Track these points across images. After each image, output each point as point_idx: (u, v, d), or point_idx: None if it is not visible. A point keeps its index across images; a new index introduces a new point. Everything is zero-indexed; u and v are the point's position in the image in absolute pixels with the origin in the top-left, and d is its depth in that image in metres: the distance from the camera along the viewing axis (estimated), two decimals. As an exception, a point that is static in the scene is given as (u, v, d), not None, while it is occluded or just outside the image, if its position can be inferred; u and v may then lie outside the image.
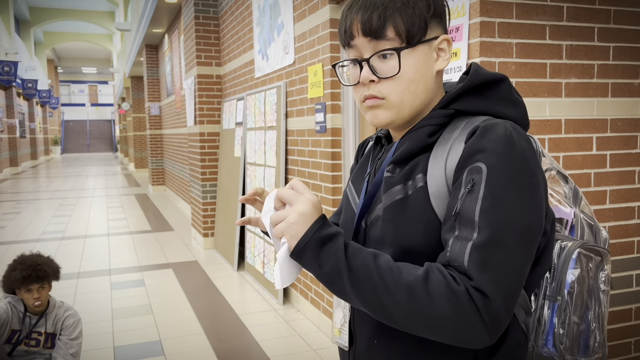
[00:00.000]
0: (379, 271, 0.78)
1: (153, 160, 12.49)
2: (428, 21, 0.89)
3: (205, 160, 6.19)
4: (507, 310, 0.75)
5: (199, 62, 6.06)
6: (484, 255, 0.76)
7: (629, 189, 2.29)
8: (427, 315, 0.75)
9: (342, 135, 3.34)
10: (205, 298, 4.45)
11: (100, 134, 41.06)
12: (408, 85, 0.89)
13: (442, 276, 0.76)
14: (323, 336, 3.54)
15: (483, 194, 0.78)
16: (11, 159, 20.17)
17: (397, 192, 0.89)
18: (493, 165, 0.79)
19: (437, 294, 0.75)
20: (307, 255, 0.82)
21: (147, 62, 11.95)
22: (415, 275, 0.77)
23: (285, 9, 3.96)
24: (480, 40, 2.00)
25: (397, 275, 0.78)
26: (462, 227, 0.79)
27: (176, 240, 6.82)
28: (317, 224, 0.82)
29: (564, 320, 0.89)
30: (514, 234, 0.77)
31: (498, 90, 0.91)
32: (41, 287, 2.42)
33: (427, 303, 0.75)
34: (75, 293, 4.62)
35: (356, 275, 0.79)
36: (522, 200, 0.78)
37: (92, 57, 37.43)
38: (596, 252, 0.94)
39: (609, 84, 2.22)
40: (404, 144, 0.91)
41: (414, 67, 0.88)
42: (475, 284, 0.75)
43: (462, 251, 0.77)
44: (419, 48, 0.89)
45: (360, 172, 1.06)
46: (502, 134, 0.81)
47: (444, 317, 0.75)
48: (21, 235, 7.42)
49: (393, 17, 0.87)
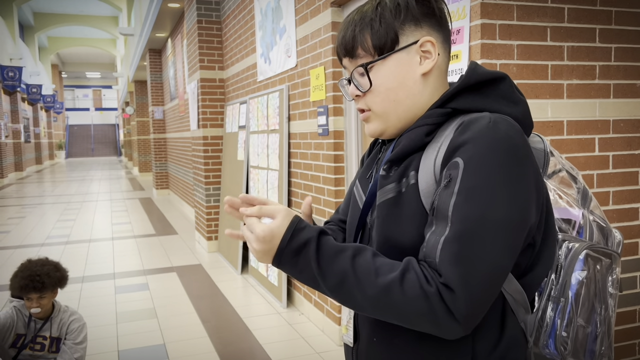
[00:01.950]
0: (355, 274, 0.82)
1: (157, 164, 12.52)
2: (398, 29, 0.90)
3: (209, 164, 6.20)
4: (477, 304, 0.77)
5: (202, 66, 6.08)
6: (453, 249, 0.77)
7: (632, 190, 2.29)
8: (403, 314, 0.80)
9: (344, 138, 3.34)
10: (209, 301, 4.46)
11: (105, 138, 41.20)
12: (386, 95, 0.92)
13: (416, 276, 0.78)
14: (327, 339, 3.54)
15: (458, 188, 0.78)
16: (16, 163, 20.25)
17: (389, 190, 0.90)
18: (470, 158, 0.79)
19: (411, 294, 0.78)
20: (285, 265, 0.87)
21: (150, 67, 11.99)
22: (391, 277, 0.79)
23: (287, 13, 3.97)
24: (481, 43, 2.00)
25: (374, 277, 0.80)
26: (437, 222, 0.80)
27: (180, 244, 6.83)
28: (286, 235, 0.86)
29: (569, 323, 0.88)
30: (489, 227, 0.76)
31: (498, 89, 0.90)
32: (41, 297, 2.40)
33: (402, 303, 0.79)
34: (79, 297, 4.63)
35: (331, 281, 0.83)
36: (501, 192, 0.78)
37: (96, 61, 37.57)
38: (605, 255, 0.92)
39: (611, 85, 2.22)
40: (401, 143, 0.92)
41: (389, 77, 0.92)
42: (443, 280, 0.77)
43: (434, 247, 0.79)
44: (392, 57, 0.91)
45: (367, 171, 1.07)
46: (484, 125, 0.80)
47: (418, 315, 0.78)
48: (26, 239, 7.45)
49: (361, 35, 0.92)
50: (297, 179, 3.96)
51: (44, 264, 2.48)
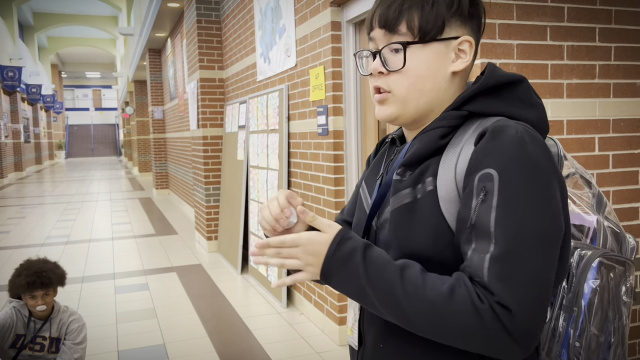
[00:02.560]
0: (403, 287, 0.78)
1: (157, 164, 12.52)
2: (446, 19, 0.87)
3: (209, 164, 6.20)
4: (534, 320, 0.73)
5: (202, 65, 6.08)
6: (501, 267, 0.74)
7: (632, 190, 2.29)
8: (452, 330, 0.75)
9: (344, 138, 3.34)
10: (209, 301, 4.46)
11: (105, 138, 41.21)
12: (415, 81, 0.88)
13: (467, 292, 0.75)
14: (327, 339, 3.54)
15: (496, 203, 0.76)
16: (16, 163, 20.25)
17: (405, 195, 0.87)
18: (504, 171, 0.76)
19: (462, 311, 0.74)
20: (332, 278, 0.83)
21: (150, 66, 11.99)
22: (440, 291, 0.76)
23: (286, 12, 3.97)
24: (481, 42, 1.99)
25: (422, 290, 0.77)
26: (478, 239, 0.77)
27: (180, 244, 6.83)
28: (331, 248, 0.83)
29: (582, 333, 0.86)
30: (531, 241, 0.74)
31: (515, 92, 0.88)
32: (45, 294, 2.42)
33: (452, 320, 0.75)
34: (79, 297, 4.63)
35: (378, 293, 0.80)
36: (537, 205, 0.76)
37: (96, 61, 37.57)
38: (619, 262, 0.90)
39: (611, 84, 2.22)
40: (415, 146, 0.89)
41: (423, 64, 0.88)
42: (497, 299, 0.73)
43: (480, 265, 0.75)
44: (432, 45, 0.88)
45: (374, 172, 1.04)
46: (512, 136, 0.78)
47: (470, 333, 0.74)
48: (26, 239, 7.45)
49: (409, 12, 0.87)
50: (297, 179, 3.96)
51: (46, 261, 2.52)
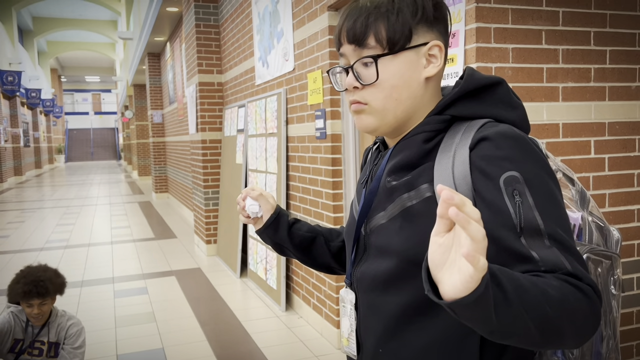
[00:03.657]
0: (545, 294, 0.69)
1: (156, 168, 12.53)
2: (413, 27, 0.88)
3: (208, 168, 6.21)
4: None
5: (200, 69, 6.10)
6: (572, 255, 0.77)
7: (628, 192, 2.29)
8: (581, 320, 0.72)
9: (342, 142, 3.35)
10: (208, 305, 4.46)
11: (104, 142, 41.23)
12: (390, 92, 0.89)
13: (567, 282, 0.73)
14: (325, 342, 3.54)
15: (533, 201, 0.78)
16: (15, 168, 20.25)
17: (403, 200, 0.88)
18: (525, 171, 0.80)
19: (576, 299, 0.71)
20: (487, 295, 0.62)
21: (149, 70, 12.01)
22: (555, 286, 0.71)
23: (284, 17, 3.98)
24: (476, 46, 2.01)
25: (544, 291, 0.69)
26: (531, 238, 0.77)
27: (179, 248, 6.83)
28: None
29: None
30: (568, 223, 0.81)
31: (495, 94, 0.90)
32: (42, 303, 2.41)
33: (578, 310, 0.71)
34: (78, 301, 4.63)
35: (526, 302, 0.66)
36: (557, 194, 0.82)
37: (95, 65, 37.63)
38: (606, 257, 0.92)
39: (606, 87, 2.23)
40: (401, 152, 0.91)
41: (396, 74, 0.89)
42: (587, 281, 0.75)
43: (557, 260, 0.75)
44: (403, 54, 0.88)
45: (361, 179, 1.06)
46: (516, 138, 0.82)
47: (585, 315, 0.72)
48: (25, 244, 7.45)
49: (375, 24, 0.88)
50: (295, 182, 3.97)
51: (45, 269, 2.50)
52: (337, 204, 3.36)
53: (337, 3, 3.18)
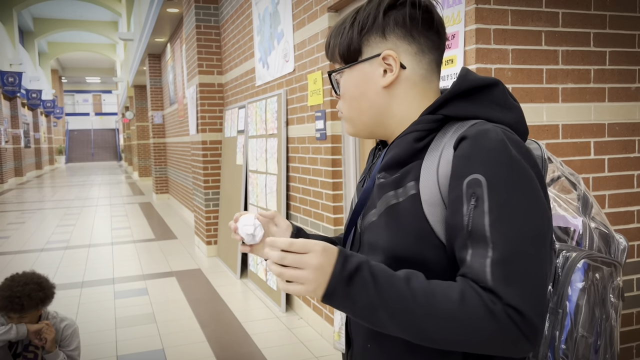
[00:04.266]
0: (414, 298, 0.77)
1: (157, 169, 12.54)
2: (362, 41, 0.93)
3: (208, 169, 6.21)
4: (541, 317, 0.76)
5: (201, 70, 6.10)
6: (504, 270, 0.75)
7: (628, 193, 2.29)
8: (472, 337, 0.76)
9: (342, 143, 3.35)
10: (208, 306, 4.46)
11: (105, 143, 41.25)
12: (350, 102, 0.97)
13: (478, 296, 0.75)
14: (325, 343, 3.54)
15: (488, 207, 0.77)
16: (16, 169, 20.26)
17: (388, 198, 0.90)
18: (491, 176, 0.78)
19: (478, 316, 0.75)
20: (337, 298, 0.79)
21: (150, 71, 12.02)
22: (452, 299, 0.76)
23: (284, 18, 3.99)
24: (476, 47, 2.01)
25: (432, 299, 0.76)
26: (474, 244, 0.78)
27: (179, 249, 6.83)
28: (338, 264, 0.78)
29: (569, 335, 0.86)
30: (527, 240, 0.77)
31: (491, 95, 0.90)
32: (21, 317, 2.28)
33: (469, 327, 0.75)
34: (78, 302, 4.64)
35: (390, 307, 0.77)
36: (526, 204, 0.78)
37: (96, 66, 37.66)
38: (605, 264, 0.91)
39: (606, 88, 2.23)
40: (392, 150, 0.92)
41: (352, 86, 0.96)
42: (506, 302, 0.74)
43: (482, 270, 0.76)
44: (356, 68, 0.95)
45: (362, 178, 1.08)
46: (494, 140, 0.80)
47: (487, 337, 0.75)
48: (26, 245, 7.45)
49: (335, 42, 0.97)
50: (296, 183, 3.97)
51: (27, 282, 2.30)
52: (337, 204, 3.37)
53: (337, 4, 3.19)
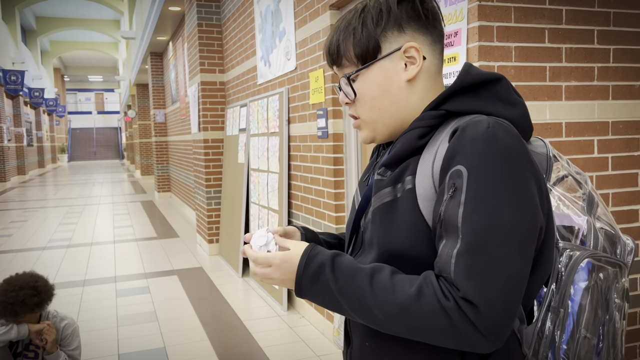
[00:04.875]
0: (373, 292, 0.81)
1: (159, 167, 12.54)
2: (380, 37, 0.89)
3: (210, 167, 6.21)
4: (501, 315, 0.74)
5: (203, 69, 6.09)
6: (468, 262, 0.75)
7: (631, 192, 2.28)
8: (424, 330, 0.78)
9: (343, 141, 3.34)
10: (209, 304, 4.46)
11: (107, 141, 41.29)
12: (372, 104, 0.93)
13: (433, 291, 0.77)
14: (327, 342, 3.53)
15: (464, 199, 0.77)
16: (19, 167, 20.29)
17: (385, 194, 0.89)
18: (473, 167, 0.77)
19: (429, 311, 0.76)
20: (307, 294, 0.88)
21: (152, 70, 12.02)
22: (409, 294, 0.78)
23: (286, 16, 3.97)
24: (478, 45, 2.00)
25: (391, 295, 0.79)
26: (447, 235, 0.79)
27: (181, 247, 6.83)
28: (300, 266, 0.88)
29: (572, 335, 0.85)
30: (499, 235, 0.75)
31: (494, 90, 0.89)
32: (18, 321, 2.25)
33: (421, 319, 0.77)
34: (80, 301, 4.64)
35: (350, 301, 0.83)
36: (507, 198, 0.76)
37: (98, 65, 37.69)
38: (610, 264, 0.89)
39: (610, 86, 2.21)
40: (395, 148, 0.91)
41: (372, 86, 0.92)
42: (462, 294, 0.74)
43: (448, 261, 0.77)
44: (375, 66, 0.91)
45: (364, 175, 1.07)
46: (482, 131, 0.78)
47: (440, 331, 0.76)
48: (28, 243, 7.46)
49: (344, 44, 0.92)
50: (297, 182, 3.96)
51: (22, 286, 2.25)
52: (339, 203, 3.36)
53: (338, 2, 3.17)
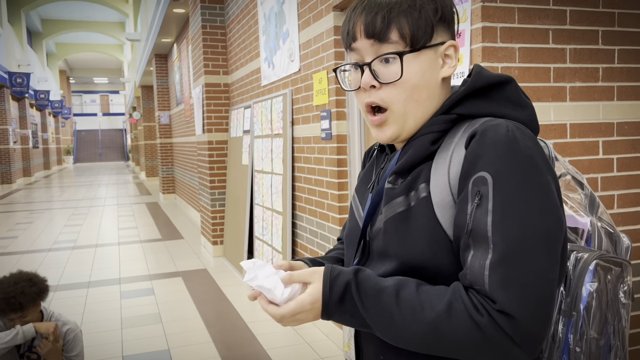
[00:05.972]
0: (400, 311, 0.78)
1: (163, 169, 12.57)
2: (435, 25, 0.85)
3: (214, 169, 6.21)
4: (539, 323, 0.72)
5: (207, 70, 6.10)
6: (503, 273, 0.72)
7: (637, 193, 2.26)
8: (456, 347, 0.75)
9: (347, 142, 3.34)
10: (214, 306, 4.46)
11: (112, 143, 41.44)
12: (411, 92, 0.85)
13: (464, 307, 0.74)
14: (331, 344, 3.52)
15: (492, 206, 0.74)
16: (24, 169, 20.39)
17: (399, 204, 0.86)
18: (498, 172, 0.75)
19: (462, 327, 0.73)
20: (335, 316, 0.83)
21: (156, 72, 12.05)
22: (438, 311, 0.75)
23: (290, 17, 3.97)
24: (482, 46, 1.99)
25: (420, 313, 0.76)
26: (476, 244, 0.76)
27: (186, 249, 6.84)
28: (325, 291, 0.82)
29: (581, 337, 0.84)
30: (532, 241, 0.73)
31: (504, 92, 0.87)
32: (22, 316, 2.28)
33: (454, 338, 0.74)
34: (85, 302, 4.65)
35: (379, 322, 0.79)
36: (535, 203, 0.74)
37: (104, 67, 37.84)
38: (616, 264, 0.89)
39: (615, 87, 2.20)
40: (407, 153, 0.88)
41: (418, 73, 0.85)
42: (499, 307, 0.72)
43: (480, 272, 0.74)
44: (424, 53, 0.85)
45: (364, 182, 1.03)
46: (503, 135, 0.76)
47: (473, 347, 0.74)
48: (33, 244, 7.49)
49: (398, 19, 0.83)
50: (301, 183, 3.96)
51: (17, 281, 2.30)
52: (343, 205, 3.35)
53: (342, 3, 3.17)
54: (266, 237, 4.64)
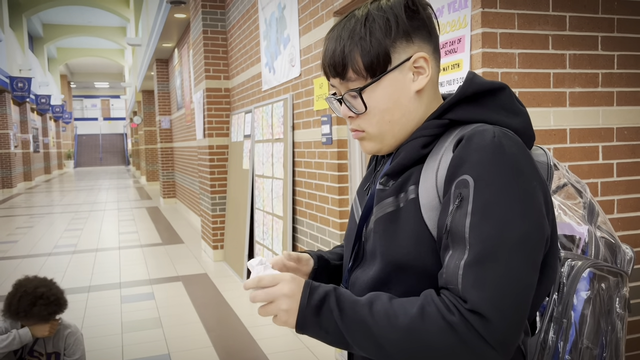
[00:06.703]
0: (375, 321, 0.78)
1: (164, 173, 12.58)
2: (390, 48, 0.86)
3: (215, 173, 6.22)
4: (511, 326, 0.73)
5: (208, 75, 6.12)
6: (476, 273, 0.73)
7: (637, 199, 2.27)
8: (433, 352, 0.75)
9: (348, 147, 3.34)
10: (214, 311, 4.45)
11: (113, 147, 41.48)
12: (382, 116, 0.89)
13: (436, 308, 0.75)
14: (332, 349, 3.52)
15: (472, 208, 0.76)
16: (25, 173, 20.40)
17: (388, 204, 0.88)
18: (480, 176, 0.76)
19: (436, 329, 0.74)
20: (309, 327, 0.83)
21: (157, 76, 12.08)
22: (412, 316, 0.76)
23: (291, 23, 3.99)
24: (482, 51, 2.00)
25: (394, 320, 0.77)
26: (454, 245, 0.77)
27: (186, 253, 6.84)
28: (304, 295, 0.83)
29: (574, 346, 0.84)
30: (509, 245, 0.74)
31: (497, 99, 0.88)
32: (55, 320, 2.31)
33: (430, 341, 0.75)
34: (85, 307, 4.65)
35: (355, 333, 0.80)
36: (516, 208, 0.75)
37: (105, 72, 37.91)
38: (612, 273, 0.89)
39: (614, 92, 2.21)
40: (399, 157, 0.90)
41: (384, 98, 0.88)
42: (470, 307, 0.73)
43: (455, 272, 0.75)
44: (386, 78, 0.87)
45: (364, 184, 1.05)
46: (489, 140, 0.78)
47: (449, 348, 0.74)
48: (34, 249, 7.49)
49: (351, 56, 0.87)
50: (302, 188, 3.96)
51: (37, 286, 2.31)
52: (343, 209, 3.35)
53: (343, 9, 3.19)
54: (267, 242, 4.65)
